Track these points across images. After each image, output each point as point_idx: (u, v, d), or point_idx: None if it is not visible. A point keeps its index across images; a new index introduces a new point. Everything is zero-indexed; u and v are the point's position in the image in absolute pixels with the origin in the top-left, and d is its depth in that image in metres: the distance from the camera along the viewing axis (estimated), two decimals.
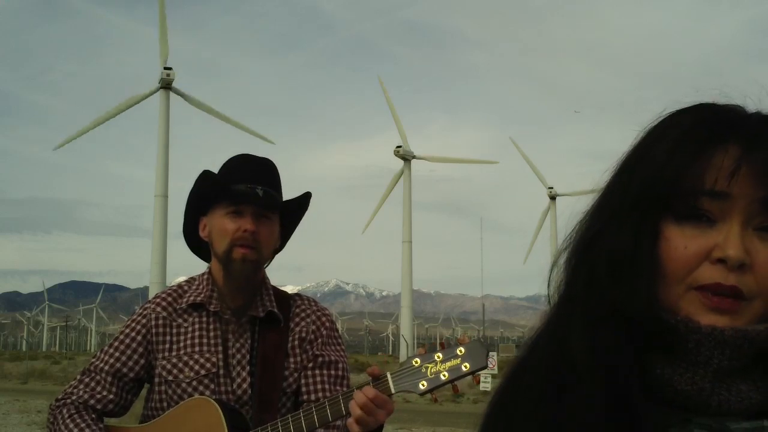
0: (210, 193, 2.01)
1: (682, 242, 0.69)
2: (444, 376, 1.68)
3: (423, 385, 1.69)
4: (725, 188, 0.68)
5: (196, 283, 2.08)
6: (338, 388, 2.02)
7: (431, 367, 1.69)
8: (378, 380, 1.73)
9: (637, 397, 0.67)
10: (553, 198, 51.40)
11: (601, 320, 0.70)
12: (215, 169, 2.07)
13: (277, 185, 2.05)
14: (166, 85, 34.86)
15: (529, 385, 0.74)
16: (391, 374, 1.73)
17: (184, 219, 2.10)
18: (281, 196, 2.06)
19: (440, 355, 1.70)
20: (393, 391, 1.71)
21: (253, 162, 2.06)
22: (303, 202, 2.10)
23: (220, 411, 1.84)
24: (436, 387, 1.70)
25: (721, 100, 0.74)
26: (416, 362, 1.71)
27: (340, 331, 2.17)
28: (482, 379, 18.57)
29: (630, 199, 0.71)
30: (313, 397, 1.98)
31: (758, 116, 0.73)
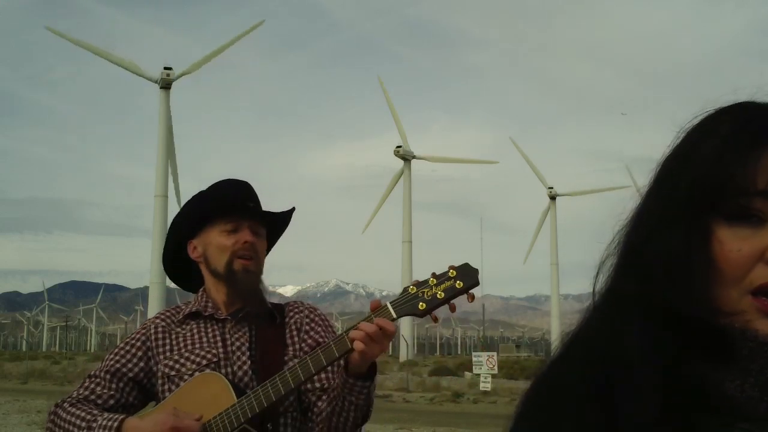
0: (205, 213, 2.13)
1: (735, 244, 0.68)
2: (440, 295, 1.77)
3: (421, 306, 1.77)
4: None
5: (191, 301, 2.19)
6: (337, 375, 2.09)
7: (427, 291, 1.78)
8: (378, 311, 1.82)
9: (690, 399, 0.67)
10: (553, 198, 51.41)
11: (656, 321, 0.70)
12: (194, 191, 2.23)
13: (259, 204, 2.19)
14: (166, 86, 34.91)
15: (570, 382, 0.73)
16: (390, 302, 1.82)
17: (166, 244, 2.22)
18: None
19: (434, 279, 1.79)
20: (395, 316, 1.80)
21: (238, 184, 2.20)
22: (289, 217, 2.25)
23: (224, 378, 1.92)
24: (434, 307, 1.78)
25: (760, 98, 0.74)
26: (412, 289, 1.80)
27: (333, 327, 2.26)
28: (482, 378, 18.63)
29: (679, 201, 0.71)
30: (317, 384, 2.03)
31: None
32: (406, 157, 46.12)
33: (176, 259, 2.21)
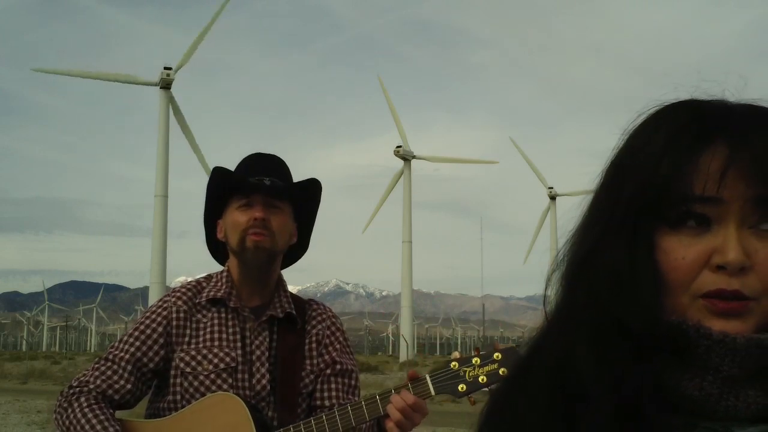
0: (222, 189, 2.05)
1: (680, 252, 0.67)
2: (482, 379, 1.75)
3: (462, 388, 1.75)
4: (715, 193, 0.66)
5: (214, 280, 2.08)
6: (350, 397, 2.04)
7: (470, 371, 1.76)
8: (417, 382, 1.78)
9: (648, 406, 0.65)
10: (553, 198, 51.40)
11: (606, 332, 0.68)
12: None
13: (285, 177, 2.07)
14: (166, 86, 34.90)
15: (530, 393, 0.72)
16: (430, 377, 1.78)
17: (204, 225, 2.13)
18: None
19: (478, 359, 1.77)
20: (433, 393, 1.76)
21: (261, 157, 2.11)
22: (308, 185, 2.10)
23: (246, 407, 1.84)
24: (474, 390, 1.76)
25: (700, 95, 0.72)
26: (455, 365, 1.77)
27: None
28: None
29: (622, 210, 0.69)
30: (327, 403, 1.99)
31: (743, 109, 0.70)
32: (406, 157, 46.07)
33: (213, 237, 2.11)
